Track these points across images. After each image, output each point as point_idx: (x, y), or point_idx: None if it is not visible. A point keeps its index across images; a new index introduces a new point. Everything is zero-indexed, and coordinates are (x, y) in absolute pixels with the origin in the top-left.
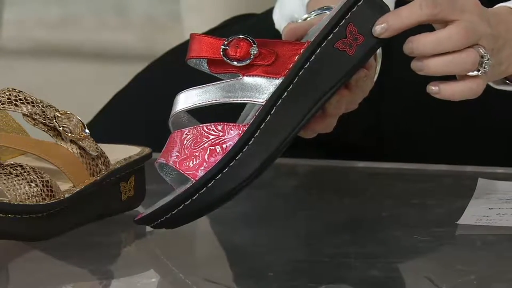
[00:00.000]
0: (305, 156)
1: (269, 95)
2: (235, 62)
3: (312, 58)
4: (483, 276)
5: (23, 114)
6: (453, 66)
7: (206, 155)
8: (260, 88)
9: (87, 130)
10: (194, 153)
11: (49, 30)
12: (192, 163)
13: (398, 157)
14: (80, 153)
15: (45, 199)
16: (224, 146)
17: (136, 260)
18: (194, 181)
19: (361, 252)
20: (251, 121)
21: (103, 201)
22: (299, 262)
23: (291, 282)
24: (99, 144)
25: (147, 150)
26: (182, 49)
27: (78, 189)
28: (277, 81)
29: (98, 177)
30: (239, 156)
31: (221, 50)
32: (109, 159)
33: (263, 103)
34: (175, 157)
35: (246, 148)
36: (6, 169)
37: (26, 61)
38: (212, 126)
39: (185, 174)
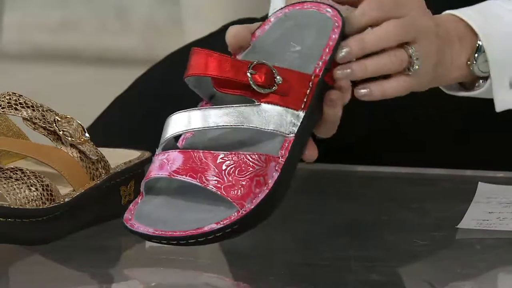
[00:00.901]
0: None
1: (297, 129)
2: (262, 90)
3: (317, 93)
4: (483, 280)
5: (23, 118)
6: (383, 67)
7: (253, 186)
8: (282, 118)
9: (87, 134)
10: (241, 182)
11: (49, 34)
12: (240, 192)
13: (397, 160)
14: (80, 157)
15: (45, 203)
16: (266, 177)
17: (136, 264)
18: (243, 212)
19: (360, 256)
20: (284, 155)
21: (103, 205)
22: (299, 265)
23: (291, 285)
24: (99, 148)
25: (147, 154)
26: (182, 53)
27: (78, 193)
28: (300, 114)
29: (98, 181)
30: (277, 188)
31: (248, 73)
32: (109, 163)
33: (293, 137)
34: (216, 181)
35: (281, 180)
36: (6, 173)
37: (27, 65)
38: (256, 156)
39: (233, 202)
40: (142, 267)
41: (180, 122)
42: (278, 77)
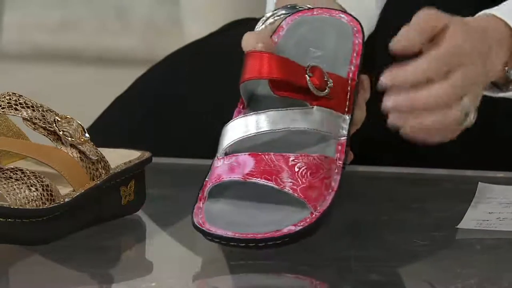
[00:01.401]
0: None
1: (346, 132)
2: (320, 93)
3: (355, 97)
4: (482, 280)
5: (23, 119)
6: (432, 124)
7: (323, 188)
8: (333, 122)
9: (87, 135)
10: (314, 185)
11: (49, 34)
12: (314, 194)
13: (398, 161)
14: (80, 157)
15: (45, 203)
16: (330, 180)
17: (136, 264)
18: (317, 214)
19: (361, 256)
20: (340, 158)
21: (103, 205)
22: (299, 265)
23: (291, 285)
24: (99, 148)
25: (147, 154)
26: (182, 53)
27: (78, 193)
28: (346, 117)
29: (98, 181)
30: (338, 191)
31: (307, 76)
32: (109, 163)
33: (345, 140)
34: (291, 183)
35: (341, 183)
36: (6, 173)
37: (27, 65)
38: (323, 157)
39: (308, 204)
40: (142, 267)
41: (238, 128)
42: (329, 81)
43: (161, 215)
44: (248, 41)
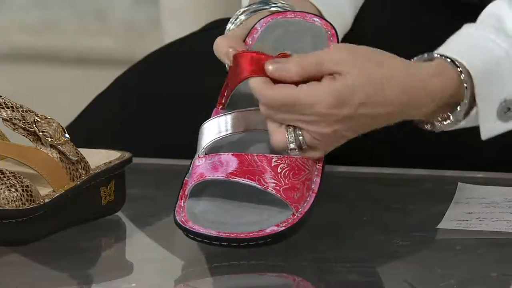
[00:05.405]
0: None
1: None
2: None
3: None
4: (463, 280)
5: (3, 119)
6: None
7: (304, 189)
8: None
9: (67, 135)
10: (296, 186)
11: (29, 35)
12: (296, 196)
13: (379, 161)
14: (60, 157)
15: (25, 204)
16: (311, 181)
17: (116, 264)
18: (298, 215)
19: (341, 256)
20: (321, 159)
21: (83, 206)
22: (280, 266)
23: (272, 286)
24: (79, 149)
25: (127, 154)
26: (160, 53)
27: (58, 194)
28: None
29: (78, 182)
30: (318, 193)
31: None
32: (89, 164)
33: None
34: (274, 184)
35: (320, 184)
36: None
37: (6, 66)
38: (305, 159)
39: (291, 205)
40: (122, 268)
41: (216, 128)
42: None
43: (141, 215)
44: (220, 46)
